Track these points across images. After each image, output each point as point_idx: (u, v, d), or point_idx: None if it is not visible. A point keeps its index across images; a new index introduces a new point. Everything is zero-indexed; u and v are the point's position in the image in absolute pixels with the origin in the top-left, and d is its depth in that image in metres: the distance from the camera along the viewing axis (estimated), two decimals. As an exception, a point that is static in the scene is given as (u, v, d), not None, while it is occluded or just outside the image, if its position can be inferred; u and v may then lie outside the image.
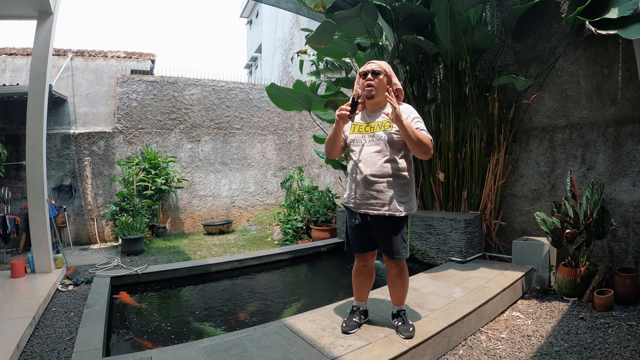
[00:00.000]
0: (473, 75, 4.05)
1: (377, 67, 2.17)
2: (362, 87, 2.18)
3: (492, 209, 4.09)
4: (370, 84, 2.14)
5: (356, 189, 2.18)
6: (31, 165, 4.24)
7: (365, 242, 2.26)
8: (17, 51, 7.26)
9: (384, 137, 2.12)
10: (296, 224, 6.48)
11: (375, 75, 2.15)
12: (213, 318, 3.15)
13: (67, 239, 6.67)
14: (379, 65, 2.18)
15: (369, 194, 2.14)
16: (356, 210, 2.21)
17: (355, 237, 2.27)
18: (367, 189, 2.13)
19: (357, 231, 2.24)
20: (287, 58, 11.67)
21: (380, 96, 2.18)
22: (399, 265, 2.24)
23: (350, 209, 2.27)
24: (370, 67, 2.17)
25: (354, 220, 2.24)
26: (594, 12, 3.07)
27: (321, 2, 3.99)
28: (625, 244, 3.28)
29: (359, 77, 2.22)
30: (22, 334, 2.60)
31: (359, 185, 2.16)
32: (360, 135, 2.20)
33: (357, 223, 2.22)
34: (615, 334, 2.43)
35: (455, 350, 2.36)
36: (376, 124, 2.17)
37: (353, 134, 2.23)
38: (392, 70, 2.23)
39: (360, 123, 2.24)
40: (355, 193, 2.19)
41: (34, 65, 4.18)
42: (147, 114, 7.86)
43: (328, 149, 2.28)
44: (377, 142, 2.13)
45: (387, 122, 2.15)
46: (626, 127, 3.30)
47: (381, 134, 2.13)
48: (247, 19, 19.44)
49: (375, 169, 2.11)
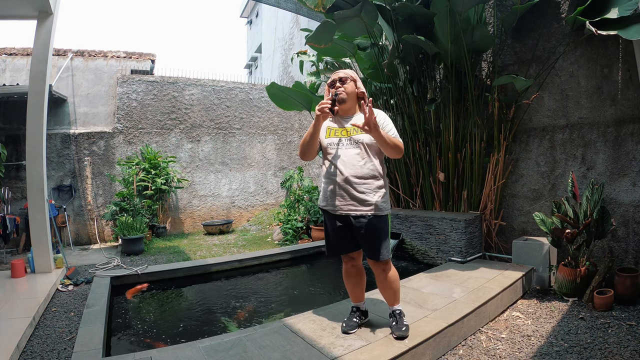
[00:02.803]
0: (473, 75, 4.05)
1: (343, 74, 2.28)
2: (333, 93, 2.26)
3: (492, 209, 4.09)
4: (340, 90, 2.23)
5: (335, 190, 2.20)
6: (31, 165, 4.24)
7: (348, 243, 2.27)
8: (17, 51, 7.25)
9: (362, 140, 2.18)
10: (296, 224, 6.48)
11: (342, 82, 2.25)
12: (213, 318, 3.15)
13: (67, 239, 6.67)
14: (345, 72, 2.29)
15: (351, 195, 2.16)
16: (336, 213, 2.22)
17: (337, 240, 2.28)
18: (348, 190, 2.16)
19: (339, 233, 2.25)
20: (287, 58, 11.68)
21: (352, 102, 2.28)
22: (384, 266, 2.24)
23: (329, 212, 2.27)
24: (337, 75, 2.28)
25: (334, 223, 2.25)
26: (594, 12, 3.07)
27: (321, 2, 3.98)
28: (625, 244, 3.28)
29: (328, 88, 2.29)
30: (22, 334, 2.60)
31: (339, 186, 2.18)
32: (337, 139, 2.25)
33: (339, 225, 2.23)
34: (615, 334, 2.43)
35: (455, 350, 2.36)
36: (352, 128, 2.23)
37: (329, 138, 2.27)
38: (357, 76, 2.33)
39: (334, 127, 2.30)
40: (334, 195, 2.21)
41: (34, 65, 4.18)
42: (147, 114, 7.86)
43: (304, 150, 2.28)
44: (357, 145, 2.19)
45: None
46: (626, 127, 3.30)
47: (359, 136, 2.18)
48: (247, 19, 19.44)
49: (356, 170, 2.15)
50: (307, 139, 2.24)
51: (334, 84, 2.26)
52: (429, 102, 4.36)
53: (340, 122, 2.30)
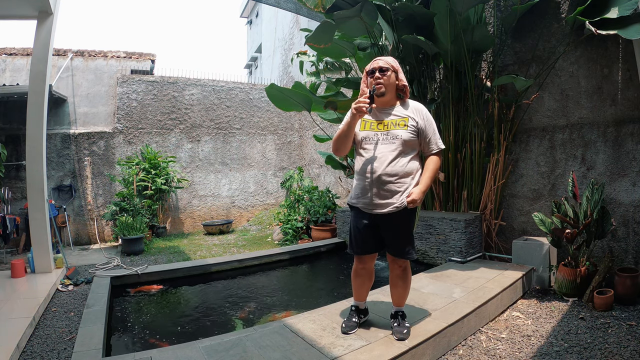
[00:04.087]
0: (473, 75, 4.05)
1: (384, 63, 2.12)
2: (370, 85, 2.12)
3: (492, 209, 4.09)
4: (379, 82, 2.10)
5: (368, 187, 2.11)
6: (31, 165, 4.24)
7: (370, 244, 2.21)
8: (17, 51, 7.25)
9: (399, 136, 2.07)
10: (296, 224, 6.48)
11: (383, 73, 2.11)
12: (213, 318, 3.15)
13: (67, 239, 6.67)
14: (386, 61, 2.13)
15: (383, 193, 2.08)
16: (367, 211, 2.14)
17: (361, 239, 2.20)
18: (381, 187, 2.07)
19: (364, 232, 2.17)
20: (287, 58, 11.67)
21: (391, 94, 2.15)
22: (403, 265, 2.21)
23: (358, 209, 2.19)
24: (377, 64, 2.12)
25: (362, 220, 2.17)
26: (594, 12, 3.06)
27: (321, 2, 3.98)
28: (625, 244, 3.28)
29: (366, 75, 2.17)
30: (22, 334, 2.60)
31: (372, 183, 2.09)
32: (372, 133, 2.13)
33: (366, 223, 2.15)
34: (615, 334, 2.43)
35: (455, 350, 2.36)
36: (390, 121, 2.12)
37: (364, 131, 2.15)
38: (399, 66, 2.19)
39: (371, 120, 2.17)
40: (367, 192, 2.12)
41: (34, 65, 4.18)
42: (147, 114, 7.86)
43: (338, 146, 2.18)
44: (393, 141, 2.08)
45: (401, 120, 2.11)
46: (626, 127, 3.30)
47: (397, 132, 2.08)
48: (247, 19, 19.43)
49: (392, 168, 2.06)
50: (341, 136, 2.13)
51: (373, 72, 2.12)
52: (429, 102, 4.36)
53: (377, 114, 2.16)
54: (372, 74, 2.13)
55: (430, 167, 2.14)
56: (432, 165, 2.14)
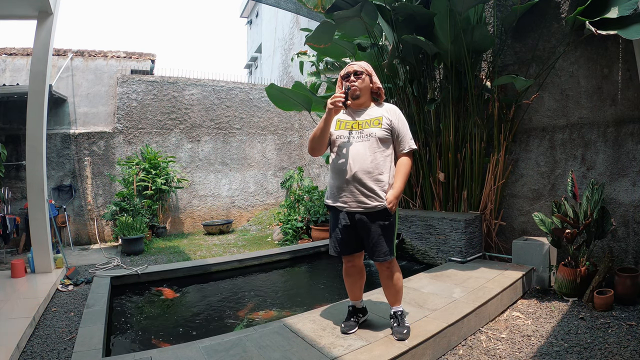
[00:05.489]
0: (473, 75, 4.05)
1: (358, 67, 2.19)
2: (345, 87, 2.18)
3: (492, 209, 4.09)
4: (354, 84, 2.16)
5: (343, 186, 2.14)
6: (31, 165, 4.24)
7: (351, 245, 2.22)
8: (17, 51, 7.26)
9: (374, 134, 2.12)
10: (296, 224, 6.48)
11: (357, 76, 2.18)
12: (213, 318, 3.15)
13: (67, 239, 6.67)
14: (360, 65, 2.21)
15: (359, 191, 2.10)
16: (344, 209, 2.16)
17: (341, 239, 2.21)
18: (357, 186, 2.10)
19: (344, 232, 2.19)
20: (287, 58, 11.67)
21: (365, 96, 2.21)
22: (389, 265, 2.21)
23: (336, 209, 2.21)
24: (352, 68, 2.20)
25: (341, 220, 2.19)
26: (594, 12, 3.07)
27: (321, 3, 3.98)
28: (625, 244, 3.28)
29: (341, 80, 2.23)
30: (22, 334, 2.60)
31: (347, 182, 2.12)
32: (347, 132, 2.17)
33: (345, 223, 2.17)
34: (615, 334, 2.43)
35: (455, 350, 2.36)
36: (364, 121, 2.16)
37: (339, 130, 2.20)
38: (372, 69, 2.25)
39: (346, 119, 2.22)
40: (342, 191, 2.14)
41: (34, 65, 4.18)
42: (147, 114, 7.86)
43: (313, 145, 2.20)
44: (367, 138, 2.12)
45: (375, 119, 2.16)
46: (626, 127, 3.30)
47: (371, 130, 2.13)
48: (247, 19, 19.44)
49: (366, 165, 2.09)
50: (317, 133, 2.16)
51: (348, 76, 2.18)
52: (429, 102, 4.36)
53: (351, 114, 2.23)
54: (347, 77, 2.19)
55: (402, 169, 2.17)
56: (404, 168, 2.18)
